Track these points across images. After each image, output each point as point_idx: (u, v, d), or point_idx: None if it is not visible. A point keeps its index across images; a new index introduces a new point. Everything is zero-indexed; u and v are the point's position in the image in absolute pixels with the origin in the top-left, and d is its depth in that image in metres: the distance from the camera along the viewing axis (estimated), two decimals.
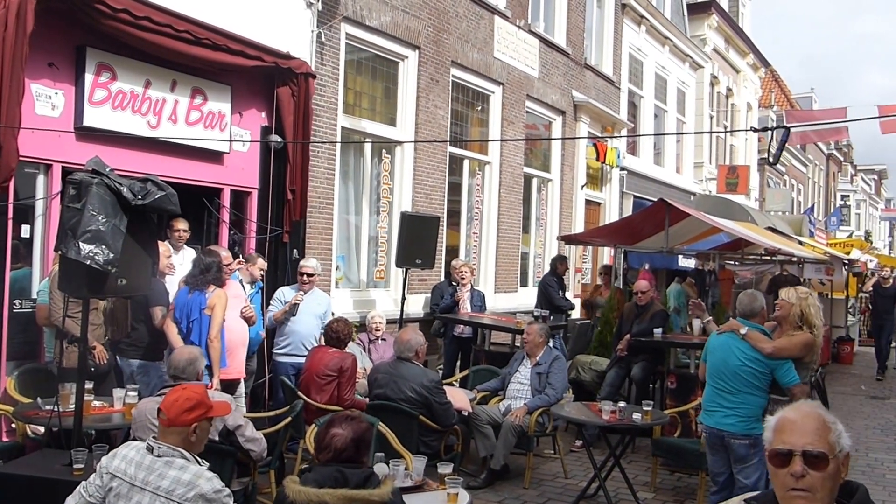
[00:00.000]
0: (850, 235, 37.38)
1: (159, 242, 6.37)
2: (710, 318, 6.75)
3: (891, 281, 16.69)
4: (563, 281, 11.84)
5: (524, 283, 14.03)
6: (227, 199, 8.36)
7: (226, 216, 8.33)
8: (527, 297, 13.17)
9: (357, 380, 7.16)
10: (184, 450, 3.45)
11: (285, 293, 8.20)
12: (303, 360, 7.62)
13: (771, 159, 7.23)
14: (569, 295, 11.99)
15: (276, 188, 8.59)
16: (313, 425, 5.63)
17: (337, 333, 7.12)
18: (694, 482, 7.27)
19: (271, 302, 8.25)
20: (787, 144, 27.20)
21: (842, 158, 49.15)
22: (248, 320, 7.11)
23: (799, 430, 2.29)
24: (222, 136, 8.04)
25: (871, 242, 45.58)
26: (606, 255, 16.06)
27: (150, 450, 3.44)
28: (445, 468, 4.63)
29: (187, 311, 6.39)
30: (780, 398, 5.46)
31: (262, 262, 7.95)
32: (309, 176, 8.84)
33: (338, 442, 3.54)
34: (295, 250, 8.85)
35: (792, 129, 16.25)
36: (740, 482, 5.50)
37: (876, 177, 64.04)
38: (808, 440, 2.26)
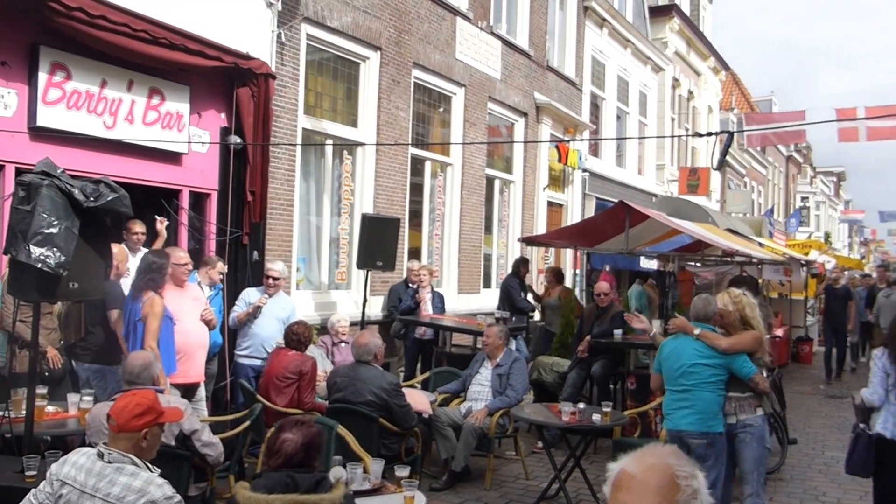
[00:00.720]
0: (810, 237, 37.93)
1: (116, 245, 6.31)
2: (655, 330, 6.84)
3: (842, 281, 16.73)
4: (525, 283, 11.88)
5: (487, 285, 14.05)
6: (185, 201, 8.27)
7: (184, 218, 8.24)
8: (489, 299, 13.20)
9: (318, 383, 7.13)
10: (135, 456, 3.40)
11: (250, 294, 8.18)
12: (262, 362, 7.60)
13: (714, 164, 7.31)
14: (530, 297, 12.01)
15: (236, 189, 8.51)
16: (273, 428, 5.59)
17: (297, 336, 7.10)
18: None
19: (236, 302, 8.21)
20: (747, 147, 27.48)
21: (801, 160, 49.90)
22: (209, 324, 7.04)
23: (638, 489, 1.79)
24: (180, 137, 7.94)
25: (831, 243, 46.34)
26: (569, 256, 16.15)
27: (100, 456, 3.39)
28: (402, 471, 4.63)
29: (127, 318, 6.26)
30: (739, 395, 5.58)
31: (221, 266, 7.89)
32: (269, 177, 8.77)
33: (288, 447, 3.53)
34: (255, 252, 8.78)
35: (751, 132, 16.47)
36: None
37: (835, 178, 65.11)
38: (648, 502, 1.77)
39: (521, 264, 11.89)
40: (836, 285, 16.26)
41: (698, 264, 15.36)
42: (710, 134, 7.10)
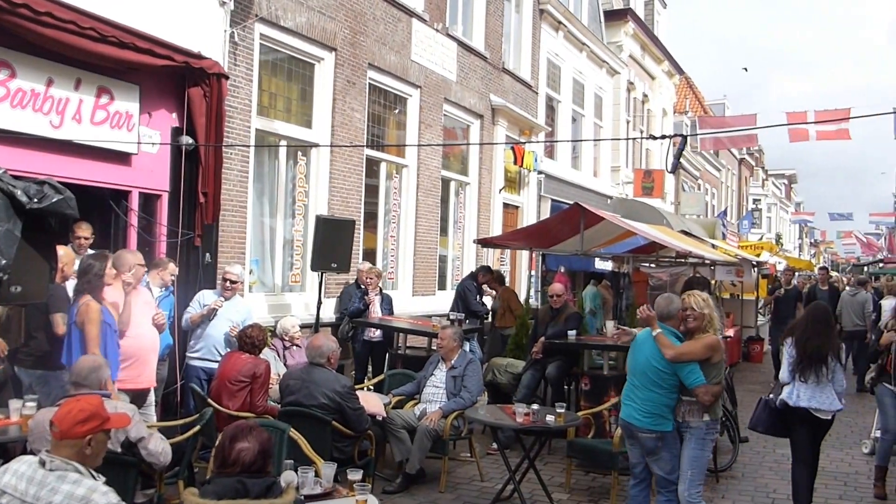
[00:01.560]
0: (762, 238, 38.55)
1: (62, 247, 6.16)
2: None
3: (792, 284, 16.48)
4: (482, 289, 11.87)
5: (442, 287, 14.04)
6: (135, 202, 8.11)
7: (134, 219, 8.09)
8: (445, 301, 13.17)
9: (270, 386, 7.05)
10: (78, 463, 3.32)
11: (206, 296, 8.08)
12: (214, 364, 7.51)
13: (668, 167, 7.39)
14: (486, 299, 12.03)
15: (188, 191, 8.39)
16: (221, 437, 5.51)
17: (251, 339, 7.01)
18: (608, 482, 7.36)
19: (190, 304, 8.10)
20: (701, 150, 27.85)
21: (753, 163, 50.74)
22: (159, 328, 6.93)
23: None
24: (130, 137, 7.80)
25: (782, 245, 47.18)
26: (524, 257, 16.20)
27: (42, 463, 3.30)
28: (355, 474, 4.58)
29: (68, 322, 6.11)
30: (689, 399, 5.61)
31: (172, 267, 7.76)
32: (222, 178, 8.66)
33: (246, 455, 3.47)
34: (207, 254, 8.67)
35: (704, 135, 16.70)
36: (657, 473, 5.69)
37: (786, 181, 66.36)
38: None
39: (483, 271, 11.89)
40: (787, 286, 16.22)
41: (653, 265, 15.54)
42: (663, 137, 7.14)
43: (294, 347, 8.48)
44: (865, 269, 39.19)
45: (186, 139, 8.27)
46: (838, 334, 14.40)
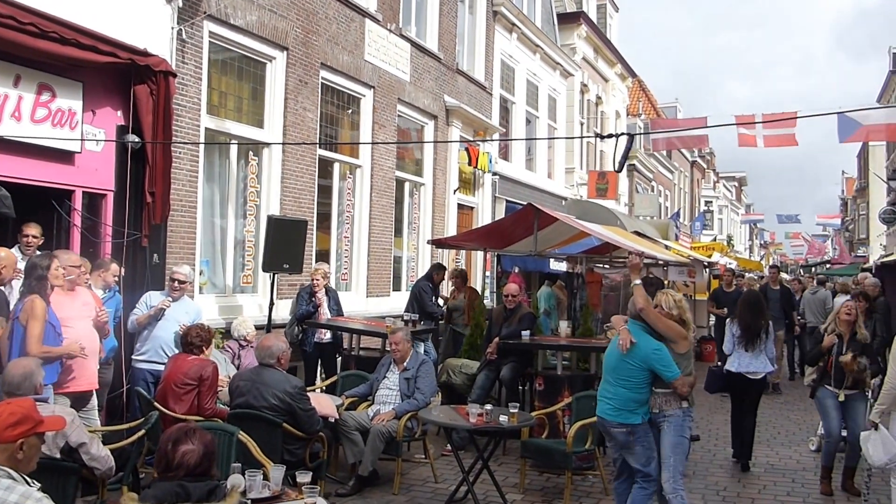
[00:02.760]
0: (714, 239, 39.06)
1: (4, 249, 5.98)
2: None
3: (734, 286, 15.74)
4: (438, 288, 11.80)
5: (397, 287, 13.95)
6: (79, 202, 7.90)
7: (77, 219, 7.89)
8: (399, 301, 13.09)
9: (220, 388, 6.91)
10: (10, 469, 3.19)
11: (152, 297, 7.92)
12: (161, 367, 7.35)
13: (616, 166, 7.44)
14: (440, 301, 11.96)
15: (135, 190, 8.19)
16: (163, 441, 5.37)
17: (187, 338, 6.84)
18: (562, 482, 7.34)
19: (137, 305, 7.93)
20: (653, 150, 28.11)
21: (705, 166, 51.44)
22: (101, 330, 6.74)
23: None
24: (73, 135, 7.59)
25: (733, 246, 47.87)
26: (479, 258, 16.20)
27: None
28: (304, 477, 4.50)
29: (11, 320, 5.93)
30: (665, 391, 5.75)
31: (115, 268, 7.58)
32: (171, 178, 8.48)
33: (191, 458, 3.38)
34: (155, 255, 8.49)
35: (658, 136, 16.84)
36: (634, 466, 5.81)
37: (736, 183, 67.43)
38: None
39: (437, 270, 11.80)
40: (728, 288, 15.57)
41: (606, 266, 15.62)
42: (611, 136, 7.16)
43: (250, 347, 8.35)
44: (813, 269, 39.94)
45: (132, 137, 8.07)
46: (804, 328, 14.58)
